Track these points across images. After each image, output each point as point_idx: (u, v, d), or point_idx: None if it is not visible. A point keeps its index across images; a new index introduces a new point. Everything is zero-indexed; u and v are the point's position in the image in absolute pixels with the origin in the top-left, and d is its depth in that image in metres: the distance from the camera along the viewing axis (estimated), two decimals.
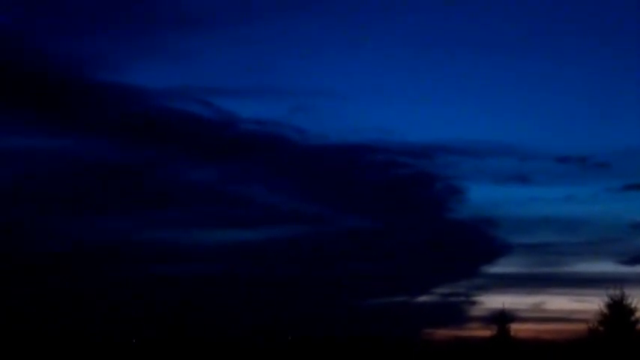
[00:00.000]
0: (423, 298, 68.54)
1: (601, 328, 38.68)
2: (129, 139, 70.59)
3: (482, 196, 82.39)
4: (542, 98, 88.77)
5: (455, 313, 65.48)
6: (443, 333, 59.43)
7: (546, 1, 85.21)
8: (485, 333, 46.59)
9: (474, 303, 65.94)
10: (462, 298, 67.00)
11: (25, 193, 64.11)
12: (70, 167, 67.29)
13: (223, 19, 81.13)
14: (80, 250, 62.02)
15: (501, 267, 73.21)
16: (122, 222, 68.12)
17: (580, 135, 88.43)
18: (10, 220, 61.06)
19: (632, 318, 38.35)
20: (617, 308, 38.36)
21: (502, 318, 45.03)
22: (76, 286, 58.51)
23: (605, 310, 38.60)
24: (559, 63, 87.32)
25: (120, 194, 67.78)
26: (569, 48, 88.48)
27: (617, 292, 38.58)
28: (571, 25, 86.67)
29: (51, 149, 66.64)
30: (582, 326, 40.16)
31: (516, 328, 45.77)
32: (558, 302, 74.98)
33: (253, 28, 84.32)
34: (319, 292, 64.42)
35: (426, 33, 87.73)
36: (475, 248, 72.79)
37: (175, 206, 70.33)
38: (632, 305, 38.43)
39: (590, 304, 45.64)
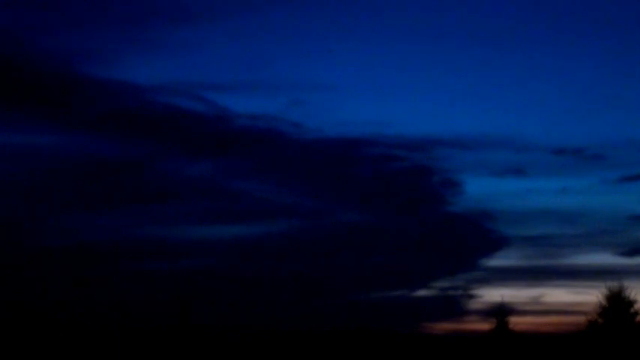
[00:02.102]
0: (421, 292, 68.46)
1: (600, 320, 38.58)
2: (121, 134, 70.49)
3: (479, 189, 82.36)
4: (538, 91, 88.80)
5: (453, 306, 65.43)
6: (442, 327, 59.34)
7: None
8: (484, 326, 46.39)
9: (472, 296, 65.83)
10: (461, 292, 66.91)
11: (20, 189, 63.92)
12: (62, 163, 67.20)
13: (217, 14, 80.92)
14: (76, 246, 61.87)
15: (499, 260, 73.19)
16: (116, 218, 67.96)
17: (575, 127, 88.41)
18: (6, 216, 60.87)
19: (631, 310, 38.28)
20: (616, 300, 38.27)
21: (501, 311, 44.72)
22: (71, 283, 58.30)
23: (604, 302, 38.52)
24: (554, 55, 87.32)
25: (114, 190, 67.59)
26: (564, 40, 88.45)
27: (616, 283, 38.58)
28: (566, 17, 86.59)
29: (43, 145, 66.55)
30: (581, 318, 40.11)
31: (515, 321, 45.46)
32: (557, 295, 74.68)
33: (248, 22, 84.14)
34: (317, 287, 64.28)
35: (422, 26, 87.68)
36: (473, 241, 72.82)
37: (170, 202, 70.19)
38: (631, 297, 38.41)
39: (589, 296, 45.57)
